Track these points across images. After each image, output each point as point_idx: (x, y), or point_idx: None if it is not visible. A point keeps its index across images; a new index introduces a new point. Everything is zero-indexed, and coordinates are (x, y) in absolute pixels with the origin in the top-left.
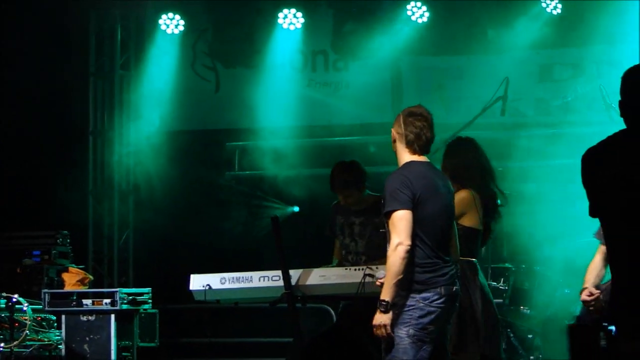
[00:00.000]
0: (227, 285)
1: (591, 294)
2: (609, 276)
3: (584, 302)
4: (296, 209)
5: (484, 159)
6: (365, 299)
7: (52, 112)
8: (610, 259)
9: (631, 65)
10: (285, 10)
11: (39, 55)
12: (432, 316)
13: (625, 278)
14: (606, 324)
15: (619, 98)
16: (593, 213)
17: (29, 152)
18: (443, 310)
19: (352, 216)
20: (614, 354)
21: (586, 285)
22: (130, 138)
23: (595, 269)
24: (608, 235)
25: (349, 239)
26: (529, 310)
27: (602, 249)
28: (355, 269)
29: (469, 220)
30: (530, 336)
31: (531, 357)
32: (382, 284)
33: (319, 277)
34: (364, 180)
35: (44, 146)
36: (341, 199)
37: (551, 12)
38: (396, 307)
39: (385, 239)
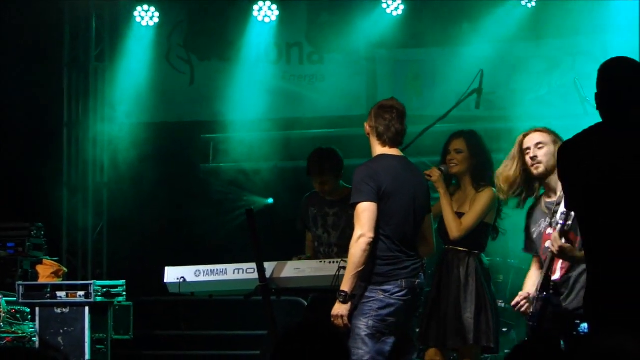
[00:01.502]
0: (201, 278)
1: (519, 296)
2: None
3: (514, 305)
4: (270, 201)
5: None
6: (332, 292)
7: (26, 103)
8: (586, 254)
9: (607, 58)
10: (260, 3)
11: (13, 47)
12: (392, 308)
13: (599, 272)
14: (578, 322)
15: (594, 91)
16: (569, 206)
17: (3, 143)
18: (404, 303)
19: (326, 207)
20: (586, 350)
21: (520, 292)
22: (104, 130)
23: (531, 277)
24: (584, 229)
25: (321, 230)
26: (503, 304)
27: (535, 259)
28: (329, 262)
29: (489, 218)
30: (504, 329)
31: (506, 351)
32: None
33: (293, 269)
34: (340, 169)
35: (18, 137)
36: (316, 186)
37: (526, 5)
38: (357, 298)
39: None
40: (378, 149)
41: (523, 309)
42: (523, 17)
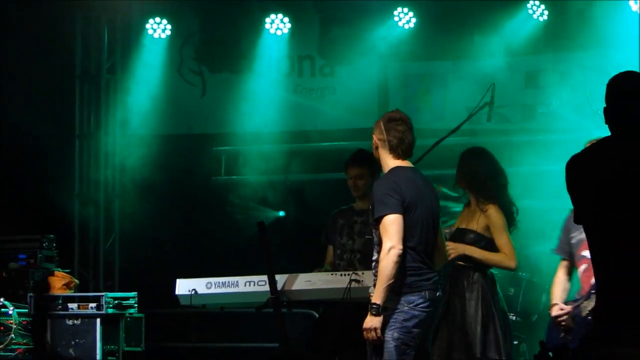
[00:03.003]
0: (212, 290)
1: (562, 309)
2: (573, 293)
3: (555, 318)
4: (282, 213)
5: (499, 168)
6: (345, 306)
7: (38, 115)
8: (595, 254)
9: (617, 71)
10: (272, 16)
11: (25, 59)
12: (417, 320)
13: (611, 268)
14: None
15: (604, 105)
16: (578, 220)
17: (15, 155)
18: (427, 315)
19: (354, 216)
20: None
21: (555, 301)
22: (116, 142)
23: (560, 283)
24: (592, 245)
25: (346, 237)
26: (514, 317)
27: (564, 264)
28: (341, 274)
29: (490, 234)
30: (515, 342)
31: None
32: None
33: (304, 282)
34: (377, 170)
35: (30, 149)
36: (350, 182)
37: (537, 19)
38: (384, 309)
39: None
40: (391, 162)
41: (564, 323)
42: (535, 30)
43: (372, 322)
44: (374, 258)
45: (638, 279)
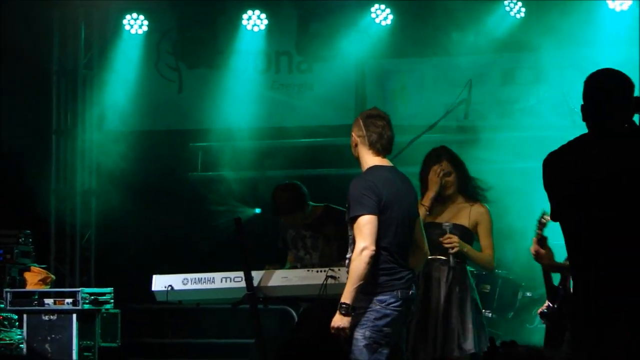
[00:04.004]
0: (189, 286)
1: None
2: None
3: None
4: (258, 210)
5: None
6: (325, 303)
7: (14, 110)
8: (575, 253)
9: (594, 69)
10: (250, 12)
11: (1, 54)
12: (388, 319)
13: (600, 266)
14: None
15: (582, 102)
16: (555, 217)
17: None
18: (399, 314)
19: (302, 229)
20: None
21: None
22: (93, 137)
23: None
24: (573, 243)
25: (302, 251)
26: (490, 314)
27: None
28: (317, 271)
29: (476, 230)
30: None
31: None
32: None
33: (280, 278)
34: (306, 201)
35: (6, 144)
36: (285, 221)
37: (514, 16)
38: (353, 309)
39: (339, 246)
40: (369, 160)
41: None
42: (512, 28)
43: (340, 321)
44: (348, 256)
45: (629, 277)
